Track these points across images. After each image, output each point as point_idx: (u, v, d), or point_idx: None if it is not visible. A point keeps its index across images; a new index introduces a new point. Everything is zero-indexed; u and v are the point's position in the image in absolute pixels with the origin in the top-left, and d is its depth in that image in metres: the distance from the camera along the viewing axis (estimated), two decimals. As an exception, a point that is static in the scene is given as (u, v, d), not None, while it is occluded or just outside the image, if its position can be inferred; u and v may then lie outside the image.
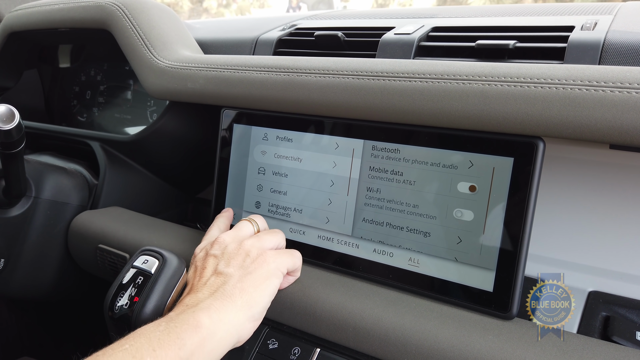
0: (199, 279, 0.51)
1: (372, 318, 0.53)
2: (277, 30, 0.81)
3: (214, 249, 0.54)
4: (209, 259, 0.53)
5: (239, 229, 0.57)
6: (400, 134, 0.57)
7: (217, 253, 0.53)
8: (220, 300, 0.47)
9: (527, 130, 0.48)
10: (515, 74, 0.49)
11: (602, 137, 0.45)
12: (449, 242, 0.54)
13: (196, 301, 0.47)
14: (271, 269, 0.52)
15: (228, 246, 0.53)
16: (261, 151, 0.67)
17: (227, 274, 0.50)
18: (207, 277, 0.50)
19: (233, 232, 0.56)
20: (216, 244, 0.54)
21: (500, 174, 0.51)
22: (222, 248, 0.53)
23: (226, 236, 0.55)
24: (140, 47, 0.77)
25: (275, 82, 0.63)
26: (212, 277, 0.50)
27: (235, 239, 0.55)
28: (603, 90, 0.45)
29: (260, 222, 0.60)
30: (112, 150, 0.88)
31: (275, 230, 0.59)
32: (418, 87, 0.53)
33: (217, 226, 0.63)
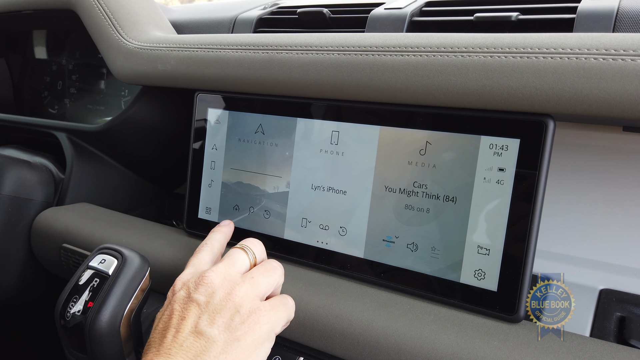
0: (174, 336, 0.40)
1: (362, 322, 0.47)
2: (257, 10, 0.75)
3: (198, 291, 0.43)
4: (190, 306, 0.42)
5: (231, 263, 0.46)
6: (392, 115, 0.51)
7: (202, 300, 0.42)
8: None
9: (535, 107, 0.42)
10: (521, 44, 0.43)
11: (622, 112, 0.39)
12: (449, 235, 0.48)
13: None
14: (264, 331, 0.42)
15: (216, 292, 0.42)
16: (238, 138, 0.61)
17: (210, 338, 0.40)
18: (184, 335, 0.40)
19: (224, 269, 0.45)
20: (202, 286, 0.43)
21: (505, 158, 0.45)
22: (208, 293, 0.42)
23: (215, 276, 0.44)
24: (107, 28, 0.70)
25: (253, 61, 0.57)
26: (191, 337, 0.40)
27: (226, 281, 0.44)
28: (622, 59, 0.39)
29: (257, 251, 0.49)
30: (80, 141, 0.82)
31: (271, 264, 0.48)
32: (411, 61, 0.47)
33: (210, 248, 0.52)
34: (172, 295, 0.44)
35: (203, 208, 0.64)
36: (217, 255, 0.53)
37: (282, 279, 0.49)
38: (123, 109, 0.91)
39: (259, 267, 0.47)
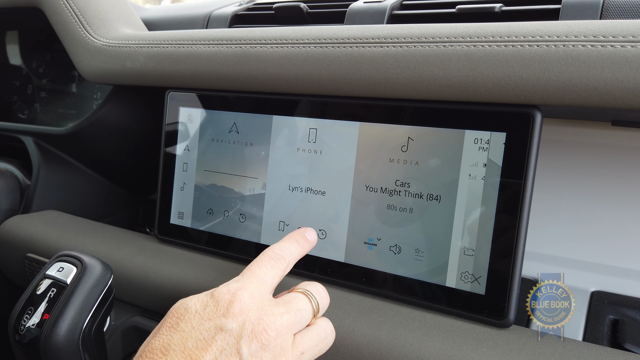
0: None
1: (342, 330, 0.44)
2: (233, 6, 0.72)
3: (252, 346, 0.34)
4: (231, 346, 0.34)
5: (295, 320, 0.37)
6: (371, 111, 0.48)
7: (245, 354, 0.34)
8: None
9: (521, 98, 0.40)
10: (505, 33, 0.41)
11: (612, 101, 0.37)
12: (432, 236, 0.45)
13: None
14: None
15: (264, 356, 0.34)
16: (212, 138, 0.57)
17: None
18: None
19: (287, 326, 0.36)
20: (258, 342, 0.34)
21: (490, 153, 0.42)
22: (258, 352, 0.34)
23: (277, 335, 0.35)
24: (74, 25, 0.67)
25: (225, 56, 0.54)
26: None
27: (279, 344, 0.35)
28: (612, 46, 0.37)
29: (321, 300, 0.41)
30: (48, 145, 0.78)
31: (325, 330, 0.40)
32: (391, 53, 0.45)
33: (285, 268, 0.41)
34: (224, 313, 0.35)
35: (175, 213, 0.61)
36: (282, 277, 0.42)
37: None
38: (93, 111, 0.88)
39: (313, 335, 0.39)
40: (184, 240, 0.60)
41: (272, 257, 0.41)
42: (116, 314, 0.57)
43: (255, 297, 0.37)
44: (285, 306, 0.37)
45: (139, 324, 0.56)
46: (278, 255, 0.41)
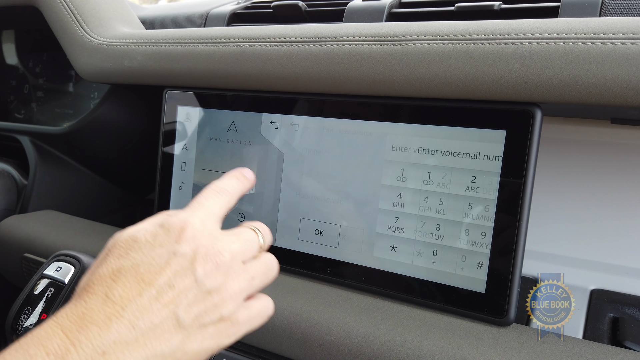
0: (151, 301, 0.32)
1: (342, 330, 0.43)
2: (231, 5, 0.72)
3: (206, 268, 0.35)
4: (187, 278, 0.34)
5: (245, 248, 0.38)
6: (371, 109, 0.48)
7: (201, 280, 0.34)
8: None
9: (521, 95, 0.40)
10: (505, 30, 0.41)
11: (612, 99, 0.37)
12: (431, 235, 0.45)
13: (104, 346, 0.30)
14: (222, 344, 0.36)
15: (217, 278, 0.35)
16: (210, 137, 0.57)
17: (181, 325, 0.33)
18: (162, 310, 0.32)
19: (238, 252, 0.37)
20: (212, 263, 0.35)
21: (490, 151, 0.42)
22: (211, 274, 0.35)
23: (230, 259, 0.36)
24: (71, 24, 0.66)
25: (224, 54, 0.53)
26: (168, 316, 0.33)
27: (233, 268, 0.36)
28: (612, 43, 0.37)
29: (266, 236, 0.41)
30: (45, 145, 0.77)
31: (272, 262, 0.40)
32: (391, 50, 0.45)
33: (228, 200, 0.41)
34: (176, 239, 0.35)
35: (174, 212, 0.60)
36: (227, 212, 0.42)
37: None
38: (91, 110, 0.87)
39: (262, 264, 0.39)
40: (182, 239, 0.59)
41: (217, 190, 0.41)
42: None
43: (206, 225, 0.37)
44: (235, 236, 0.38)
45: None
46: (221, 188, 0.42)
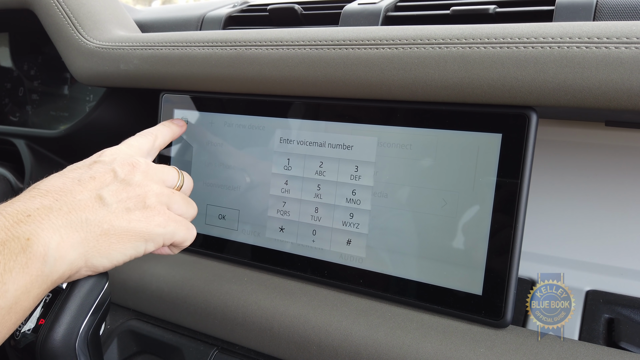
0: (74, 185, 0.38)
1: (340, 333, 0.44)
2: (227, 8, 0.72)
3: (123, 167, 0.41)
4: (107, 174, 0.40)
5: (163, 170, 0.44)
6: (366, 112, 0.48)
7: (119, 173, 0.41)
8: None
9: (517, 99, 0.40)
10: (500, 34, 0.41)
11: (607, 102, 0.37)
12: (428, 237, 0.45)
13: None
14: (152, 230, 0.40)
15: (136, 175, 0.41)
16: (207, 141, 0.57)
17: (105, 204, 0.38)
18: (84, 190, 0.38)
19: (154, 167, 0.44)
20: (129, 165, 0.42)
21: (486, 154, 0.42)
22: (129, 171, 0.41)
23: (145, 165, 0.43)
24: (67, 27, 0.66)
25: (220, 58, 0.53)
26: (89, 196, 0.38)
27: (149, 175, 0.42)
28: (606, 47, 0.37)
29: (187, 184, 0.47)
30: (40, 148, 0.77)
31: (192, 202, 0.46)
32: (387, 54, 0.45)
33: (153, 139, 0.49)
34: (97, 157, 0.43)
35: (171, 215, 0.60)
36: (155, 152, 0.50)
37: (193, 217, 0.46)
38: (87, 113, 0.87)
39: (181, 194, 0.45)
40: (179, 243, 0.59)
41: (142, 133, 0.49)
42: (112, 318, 0.57)
43: (125, 150, 0.45)
44: (156, 164, 0.45)
45: (135, 327, 0.56)
46: (147, 131, 0.49)
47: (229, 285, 0.51)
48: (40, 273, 0.33)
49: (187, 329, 0.53)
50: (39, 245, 0.33)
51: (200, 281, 0.53)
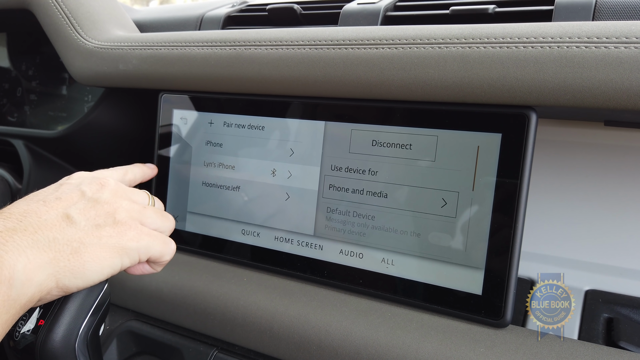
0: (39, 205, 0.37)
1: (340, 333, 0.44)
2: (225, 7, 0.72)
3: (91, 186, 0.41)
4: (74, 193, 0.39)
5: (132, 191, 0.44)
6: (366, 112, 0.48)
7: (87, 192, 0.40)
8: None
9: (517, 99, 0.40)
10: (500, 34, 0.41)
11: (606, 102, 0.37)
12: (428, 237, 0.45)
13: None
14: (125, 245, 0.39)
15: (104, 193, 0.40)
16: (206, 141, 0.57)
17: (73, 222, 0.37)
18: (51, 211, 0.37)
19: (123, 187, 0.43)
20: (97, 184, 0.41)
21: (486, 154, 0.42)
22: (97, 190, 0.40)
23: (114, 183, 0.42)
24: (65, 27, 0.66)
25: (220, 58, 0.53)
26: (57, 215, 0.37)
27: (119, 193, 0.42)
28: (606, 47, 0.37)
29: (158, 204, 0.47)
30: (39, 149, 0.77)
31: (167, 215, 0.45)
32: (387, 54, 0.45)
33: (123, 173, 0.50)
34: (65, 180, 0.43)
35: (170, 216, 0.60)
36: (125, 184, 0.49)
37: (171, 230, 0.45)
38: (85, 113, 0.87)
39: (156, 209, 0.44)
40: (179, 243, 0.59)
41: (113, 168, 0.50)
42: (111, 318, 0.57)
43: (92, 174, 0.45)
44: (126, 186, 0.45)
45: (134, 328, 0.56)
46: (119, 167, 0.51)
47: (229, 286, 0.51)
48: (6, 298, 0.32)
49: (187, 329, 0.53)
50: (3, 269, 0.32)
51: (199, 282, 0.53)
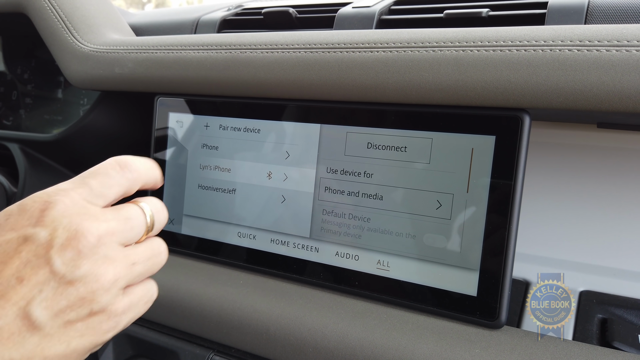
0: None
1: (336, 335, 0.44)
2: (221, 11, 0.72)
3: (64, 254, 0.29)
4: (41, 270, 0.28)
5: (125, 228, 0.32)
6: (361, 115, 0.48)
7: (58, 268, 0.28)
8: None
9: (510, 101, 0.41)
10: (493, 37, 0.42)
11: (598, 104, 0.38)
12: (423, 239, 0.45)
13: None
14: (94, 342, 0.31)
15: (82, 266, 0.29)
16: (202, 144, 0.57)
17: (36, 325, 0.28)
18: (8, 312, 0.27)
19: (111, 234, 0.31)
20: (72, 249, 0.29)
21: (480, 156, 0.43)
22: (72, 261, 0.29)
23: (96, 241, 0.30)
24: (61, 30, 0.66)
25: (215, 61, 0.54)
26: (15, 318, 0.27)
27: (102, 252, 0.30)
28: (598, 50, 0.38)
29: (156, 214, 0.36)
30: (34, 152, 0.77)
31: (159, 247, 0.36)
32: (381, 57, 0.45)
33: (129, 167, 0.35)
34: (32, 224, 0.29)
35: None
36: (120, 196, 0.35)
37: (162, 265, 0.37)
38: (81, 117, 0.87)
39: (146, 249, 0.35)
40: (174, 246, 0.59)
41: (115, 166, 0.34)
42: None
43: (77, 203, 0.31)
44: (113, 213, 0.32)
45: (130, 331, 0.56)
46: (124, 162, 0.35)
47: (225, 288, 0.51)
48: None
49: (183, 332, 0.53)
50: None
51: (195, 284, 0.53)
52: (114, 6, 0.73)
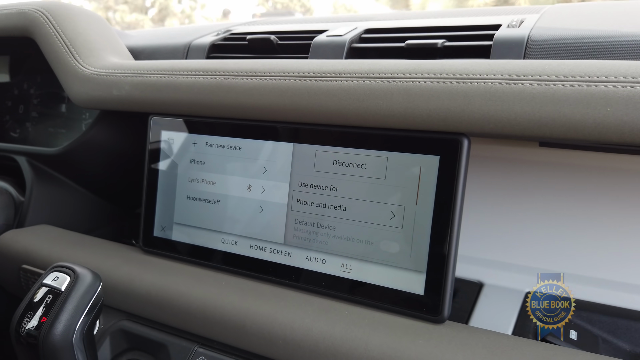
0: None
1: (302, 329, 0.50)
2: (211, 36, 0.79)
3: None
4: None
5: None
6: (328, 136, 0.55)
7: None
8: None
9: (450, 126, 0.47)
10: (438, 70, 0.48)
11: (522, 131, 0.44)
12: (379, 245, 0.52)
13: None
14: None
15: None
16: (190, 159, 0.64)
17: None
18: None
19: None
20: None
21: (427, 173, 0.49)
22: None
23: None
24: (65, 54, 0.73)
25: (202, 86, 0.60)
26: None
27: None
28: (522, 84, 0.44)
29: None
30: (40, 164, 0.83)
31: None
32: (344, 86, 0.52)
33: None
34: None
35: (159, 226, 0.67)
36: None
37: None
38: (83, 132, 0.94)
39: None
40: (166, 251, 0.66)
41: None
42: (105, 318, 0.63)
43: None
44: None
45: (125, 327, 0.62)
46: None
47: (209, 289, 0.58)
48: None
49: (172, 327, 0.60)
50: None
51: (183, 285, 0.59)
52: (113, 30, 0.80)
